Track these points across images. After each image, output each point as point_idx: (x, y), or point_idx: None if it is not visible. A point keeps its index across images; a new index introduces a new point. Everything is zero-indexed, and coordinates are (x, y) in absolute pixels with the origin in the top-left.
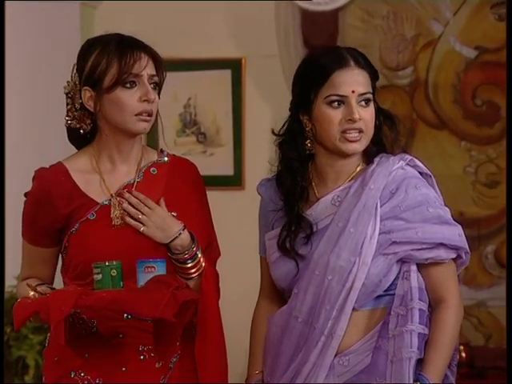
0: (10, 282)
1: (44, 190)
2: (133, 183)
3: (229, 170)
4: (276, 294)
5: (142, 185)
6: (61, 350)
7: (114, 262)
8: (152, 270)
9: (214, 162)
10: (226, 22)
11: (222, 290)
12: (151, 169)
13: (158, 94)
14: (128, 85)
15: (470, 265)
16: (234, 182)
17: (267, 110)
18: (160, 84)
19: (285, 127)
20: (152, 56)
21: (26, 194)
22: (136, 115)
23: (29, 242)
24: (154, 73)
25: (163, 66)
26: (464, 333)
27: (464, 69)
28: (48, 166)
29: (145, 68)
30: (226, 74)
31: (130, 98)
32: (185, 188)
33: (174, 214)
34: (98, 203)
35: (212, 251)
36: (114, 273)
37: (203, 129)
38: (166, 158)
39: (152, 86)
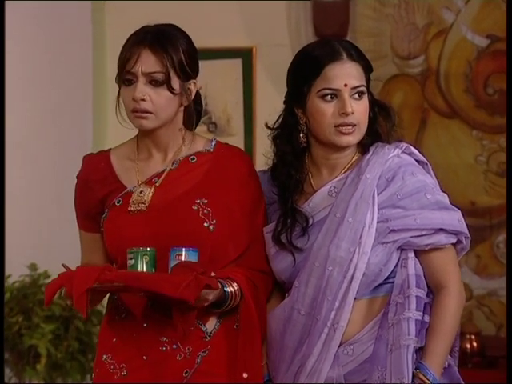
0: (22, 271)
1: (85, 174)
2: (163, 172)
3: None
4: (275, 285)
5: (175, 173)
6: (100, 333)
7: (148, 249)
8: (184, 259)
9: None
10: (236, 11)
11: None
12: (190, 157)
13: (169, 88)
14: (126, 82)
15: (481, 254)
16: None
17: (278, 100)
18: (166, 80)
19: (279, 120)
20: (153, 52)
21: (76, 177)
22: (131, 112)
23: (80, 226)
24: (153, 70)
25: (175, 61)
26: (475, 322)
27: (476, 57)
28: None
29: (135, 65)
30: (237, 64)
31: (126, 95)
32: (225, 178)
33: (205, 201)
34: (126, 188)
35: (251, 255)
36: (146, 259)
37: (214, 118)
38: (212, 147)
39: (153, 83)
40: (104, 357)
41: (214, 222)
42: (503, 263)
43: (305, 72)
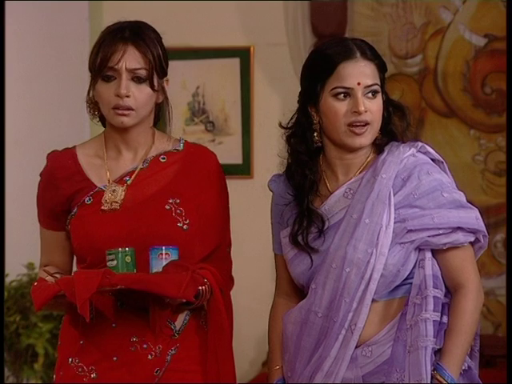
0: (19, 270)
1: (50, 171)
2: (134, 170)
3: (237, 159)
4: (293, 290)
5: (146, 172)
6: (62, 335)
7: (127, 249)
8: (167, 257)
9: (223, 150)
10: (234, 11)
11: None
12: (161, 157)
13: (151, 86)
14: (106, 78)
15: None
16: (242, 170)
17: (276, 99)
18: (149, 77)
19: (293, 120)
20: (138, 48)
21: (40, 175)
22: (113, 109)
23: (42, 224)
24: (137, 66)
25: (156, 57)
26: None
27: (473, 57)
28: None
29: (120, 61)
30: (235, 63)
31: (106, 92)
32: (197, 177)
33: (177, 201)
34: (96, 187)
35: (222, 250)
36: (128, 259)
37: (212, 117)
38: (181, 147)
39: (135, 79)
40: (70, 360)
41: (188, 221)
42: (501, 262)
43: (318, 70)
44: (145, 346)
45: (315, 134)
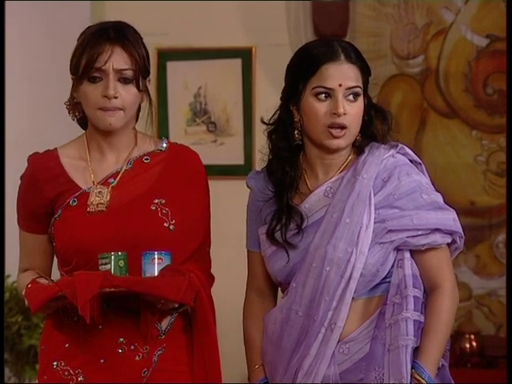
0: None
1: (32, 173)
2: (119, 172)
3: (239, 160)
4: (267, 287)
5: (130, 173)
6: (44, 340)
7: (120, 253)
8: (159, 262)
9: (225, 151)
10: (236, 11)
11: (231, 279)
12: (144, 157)
13: (137, 87)
14: (92, 79)
15: (481, 254)
16: (244, 171)
17: (277, 99)
18: (135, 77)
19: (275, 116)
20: (125, 49)
21: (21, 178)
22: (99, 109)
23: (22, 227)
24: (125, 67)
25: (141, 58)
26: (475, 322)
27: (475, 57)
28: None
29: (107, 62)
30: (237, 63)
31: (92, 92)
32: (181, 177)
33: (163, 201)
34: (81, 189)
35: (204, 250)
36: (121, 263)
37: (213, 118)
38: (164, 147)
39: (122, 80)
40: (55, 363)
41: (174, 221)
42: (502, 263)
43: (302, 69)
44: (132, 347)
45: (296, 132)
